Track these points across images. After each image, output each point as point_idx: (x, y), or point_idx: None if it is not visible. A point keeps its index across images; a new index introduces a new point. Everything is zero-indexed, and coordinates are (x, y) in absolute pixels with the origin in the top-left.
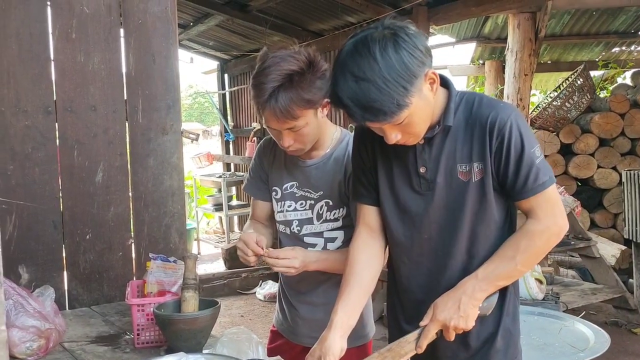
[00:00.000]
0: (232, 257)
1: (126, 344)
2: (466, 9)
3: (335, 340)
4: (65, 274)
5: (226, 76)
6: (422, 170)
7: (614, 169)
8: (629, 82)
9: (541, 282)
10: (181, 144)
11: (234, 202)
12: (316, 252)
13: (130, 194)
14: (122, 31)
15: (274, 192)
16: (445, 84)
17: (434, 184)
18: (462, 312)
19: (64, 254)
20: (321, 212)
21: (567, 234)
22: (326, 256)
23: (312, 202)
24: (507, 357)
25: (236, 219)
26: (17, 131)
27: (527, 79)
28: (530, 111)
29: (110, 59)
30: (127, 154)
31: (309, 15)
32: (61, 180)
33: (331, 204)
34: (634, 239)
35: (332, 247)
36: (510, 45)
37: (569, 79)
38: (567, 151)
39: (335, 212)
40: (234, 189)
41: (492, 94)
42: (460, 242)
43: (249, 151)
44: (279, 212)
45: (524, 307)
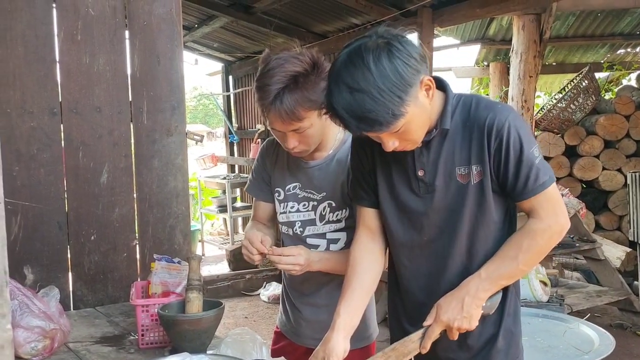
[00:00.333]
0: (236, 258)
1: (130, 345)
2: (471, 11)
3: (338, 341)
4: (70, 274)
5: (230, 78)
6: (420, 173)
7: (619, 170)
8: (634, 83)
9: (546, 284)
10: (186, 146)
11: (238, 204)
12: (319, 252)
13: (135, 195)
14: (127, 33)
15: (276, 193)
16: (442, 87)
17: (433, 186)
18: (465, 312)
19: (69, 255)
20: (324, 213)
21: (571, 236)
22: (329, 256)
23: (315, 203)
24: (508, 357)
25: (240, 220)
26: (23, 132)
27: (531, 80)
28: (535, 113)
29: (115, 61)
30: (132, 155)
31: (313, 17)
32: (66, 181)
33: (334, 205)
34: (639, 241)
35: (334, 248)
36: (515, 47)
37: (574, 80)
38: (572, 153)
39: (338, 214)
40: (238, 190)
41: (497, 95)
42: (459, 244)
43: (253, 153)
44: (281, 213)
45: (529, 309)
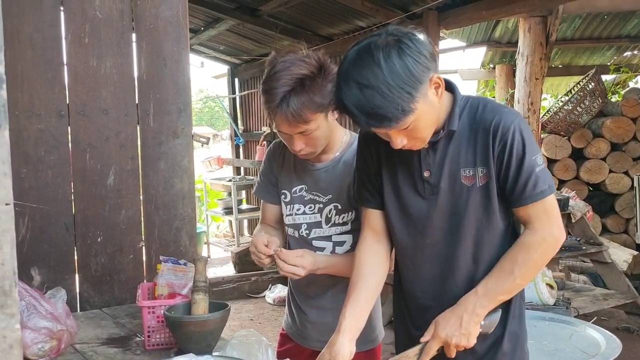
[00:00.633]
0: (242, 260)
1: (137, 346)
2: (477, 13)
3: (344, 344)
4: (76, 276)
5: (236, 80)
6: (426, 174)
7: (626, 173)
8: None
9: (552, 287)
10: (192, 148)
11: (244, 206)
12: (325, 256)
13: (141, 197)
14: (134, 36)
15: (283, 196)
16: (450, 89)
17: (438, 188)
18: (463, 329)
19: (76, 257)
20: (330, 215)
21: (578, 239)
22: (334, 261)
23: (321, 205)
24: None
25: (246, 222)
26: (31, 135)
27: (538, 83)
28: (541, 115)
29: (122, 63)
30: (139, 158)
31: (319, 19)
32: (73, 183)
33: (340, 207)
34: None
35: (340, 250)
36: (521, 49)
37: (581, 83)
38: (578, 156)
39: (344, 216)
40: (243, 192)
41: (503, 98)
42: (464, 248)
43: (258, 155)
44: (287, 215)
45: (535, 313)
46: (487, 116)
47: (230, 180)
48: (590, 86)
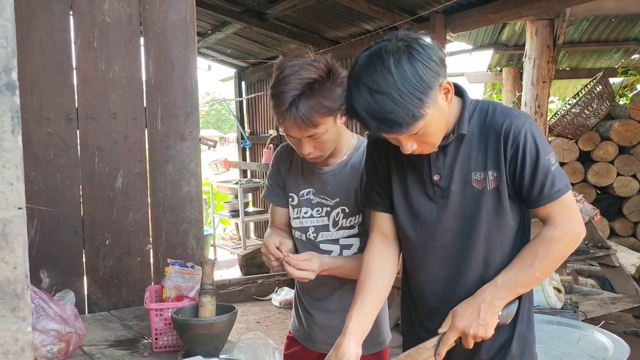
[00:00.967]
0: (248, 263)
1: (144, 348)
2: (483, 16)
3: (350, 346)
4: (85, 278)
5: (243, 83)
6: (436, 178)
7: (634, 176)
8: None
9: (560, 291)
10: (199, 151)
11: (250, 209)
12: (331, 258)
13: (149, 200)
14: (142, 40)
15: (290, 199)
16: (459, 93)
17: (448, 191)
18: (481, 320)
19: (84, 259)
20: (337, 219)
21: (586, 243)
22: (341, 263)
23: (329, 209)
24: None
25: (252, 225)
26: (40, 138)
27: (545, 86)
28: (548, 118)
29: (130, 67)
30: (146, 161)
31: (325, 23)
32: (82, 186)
33: (347, 211)
34: None
35: (347, 254)
36: (528, 52)
37: (588, 85)
38: (586, 159)
39: (351, 220)
40: (250, 195)
41: (510, 101)
42: (475, 251)
43: (265, 158)
44: (295, 218)
45: (543, 316)
46: (498, 120)
47: (237, 183)
48: (597, 89)
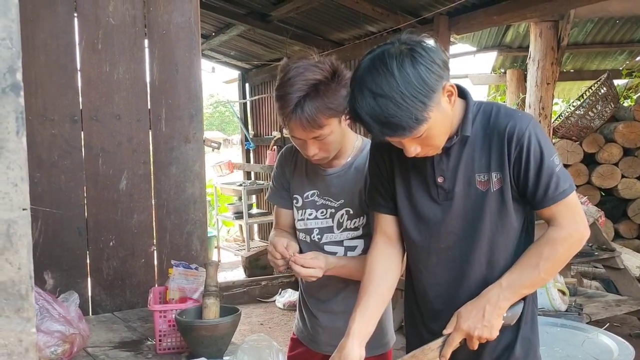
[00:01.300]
0: (252, 265)
1: (148, 350)
2: (487, 18)
3: (353, 348)
4: (89, 280)
5: (247, 85)
6: (440, 180)
7: (639, 178)
8: None
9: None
10: (203, 153)
11: (254, 210)
12: (335, 258)
13: (153, 202)
14: (146, 42)
15: (294, 200)
16: (462, 95)
17: (452, 193)
18: (486, 321)
19: (88, 260)
20: (341, 220)
21: (590, 245)
22: (345, 263)
23: (333, 210)
24: None
25: (256, 227)
26: (44, 139)
27: (549, 87)
28: (552, 120)
29: (134, 69)
30: (151, 162)
31: (329, 25)
32: (86, 187)
33: (351, 212)
34: None
35: (352, 255)
36: (532, 54)
37: (592, 87)
38: (590, 161)
39: (355, 221)
40: (254, 197)
41: (514, 103)
42: (479, 252)
43: (269, 160)
44: (299, 220)
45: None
46: (501, 121)
47: (240, 184)
48: (602, 91)
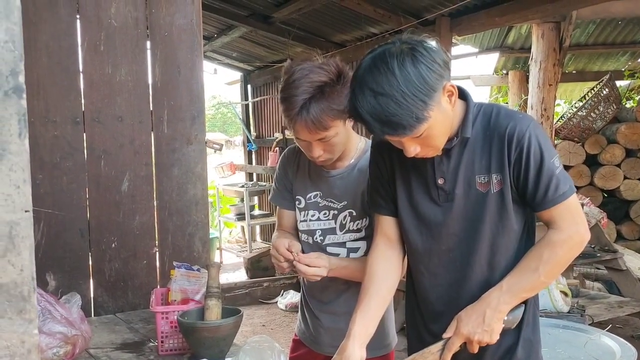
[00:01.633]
0: (254, 266)
1: (150, 351)
2: (489, 19)
3: (354, 349)
4: (91, 281)
5: (249, 87)
6: (440, 181)
7: None
8: None
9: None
10: (205, 154)
11: (256, 212)
12: (338, 259)
13: (155, 203)
14: (148, 43)
15: (297, 202)
16: (463, 96)
17: (453, 195)
18: (486, 325)
19: (90, 262)
20: (344, 222)
21: (592, 246)
22: (347, 264)
23: (336, 212)
24: None
25: (258, 228)
26: (46, 141)
27: (551, 89)
28: (554, 121)
29: (136, 71)
30: (153, 164)
31: (331, 26)
32: (88, 189)
33: (354, 214)
34: None
35: (354, 257)
36: (534, 55)
37: (595, 88)
38: (592, 162)
39: (358, 223)
40: (256, 198)
41: (516, 104)
42: (479, 254)
43: (271, 161)
44: (302, 221)
45: (549, 320)
46: (502, 123)
47: (242, 186)
48: (604, 92)
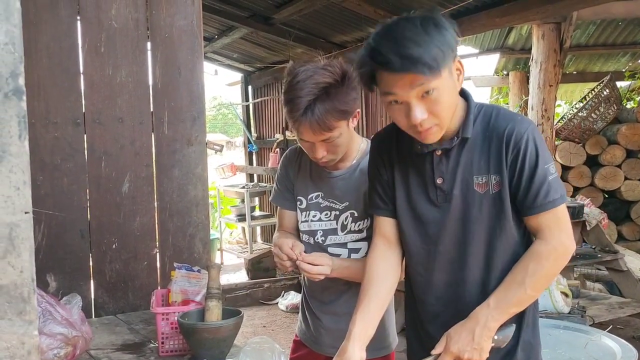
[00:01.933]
0: (255, 267)
1: (151, 352)
2: (490, 20)
3: (354, 351)
4: (91, 282)
5: (250, 88)
6: (439, 181)
7: None
8: None
9: (567, 295)
10: (206, 155)
11: (257, 213)
12: (339, 260)
13: (155, 204)
14: (149, 44)
15: (298, 202)
16: (464, 96)
17: (451, 195)
18: (476, 343)
19: (91, 263)
20: (346, 223)
21: (593, 247)
22: (348, 264)
23: (337, 212)
24: None
25: (259, 229)
26: (47, 142)
27: (552, 89)
28: (555, 122)
29: (137, 72)
30: (153, 165)
31: (332, 27)
32: (89, 190)
33: (356, 215)
34: None
35: (355, 258)
36: (534, 56)
37: (595, 89)
38: (593, 162)
39: (359, 224)
40: (257, 199)
41: (517, 105)
42: (477, 255)
43: (272, 162)
44: (303, 221)
45: (550, 321)
46: (501, 124)
47: (243, 187)
48: (605, 93)
